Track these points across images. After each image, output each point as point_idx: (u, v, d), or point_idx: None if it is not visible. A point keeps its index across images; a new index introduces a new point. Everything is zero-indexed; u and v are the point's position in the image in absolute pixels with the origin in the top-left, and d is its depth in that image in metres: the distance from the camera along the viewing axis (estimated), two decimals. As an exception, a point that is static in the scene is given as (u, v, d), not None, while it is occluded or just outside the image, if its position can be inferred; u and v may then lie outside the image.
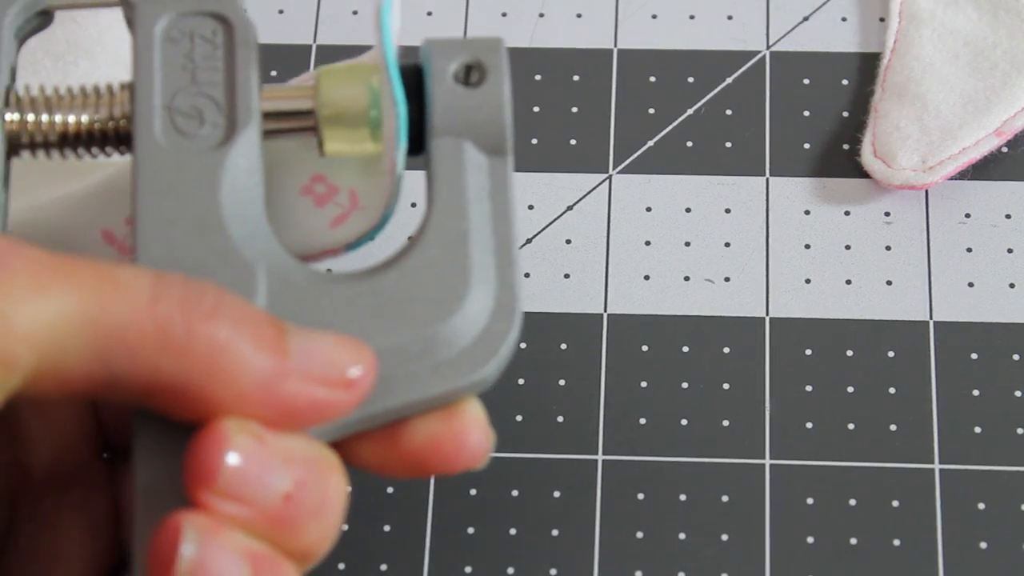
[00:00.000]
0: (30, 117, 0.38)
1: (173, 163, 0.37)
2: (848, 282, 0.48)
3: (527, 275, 0.48)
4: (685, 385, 0.47)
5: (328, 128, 0.39)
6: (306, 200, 0.41)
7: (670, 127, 0.50)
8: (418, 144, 0.39)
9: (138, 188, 0.37)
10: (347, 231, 0.41)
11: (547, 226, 0.49)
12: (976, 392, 0.46)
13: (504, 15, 0.52)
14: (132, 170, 0.37)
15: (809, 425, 0.46)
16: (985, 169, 0.49)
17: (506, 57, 0.39)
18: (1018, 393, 0.46)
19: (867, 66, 0.51)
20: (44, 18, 0.40)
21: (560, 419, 0.46)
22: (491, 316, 0.38)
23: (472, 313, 0.37)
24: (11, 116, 0.38)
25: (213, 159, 0.37)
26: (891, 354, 0.47)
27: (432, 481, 0.46)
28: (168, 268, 0.36)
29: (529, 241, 0.49)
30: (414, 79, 0.39)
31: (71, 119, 0.38)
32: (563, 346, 0.47)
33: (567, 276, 0.48)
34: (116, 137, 0.39)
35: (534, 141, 0.50)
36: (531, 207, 0.49)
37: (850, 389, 0.46)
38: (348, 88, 0.39)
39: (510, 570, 0.45)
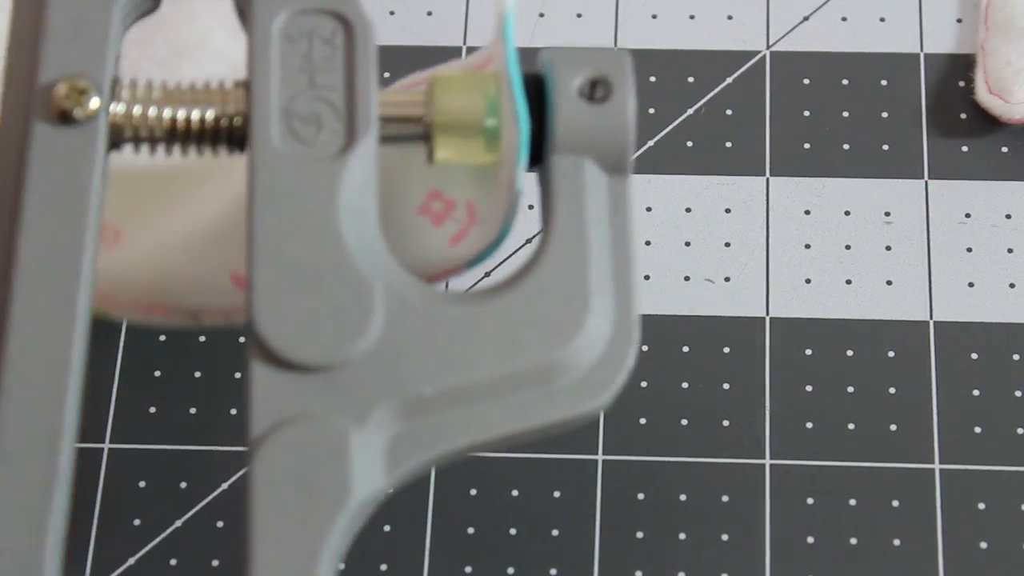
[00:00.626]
0: (136, 110, 0.37)
1: (291, 171, 0.36)
2: (848, 282, 0.48)
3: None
4: (685, 385, 0.47)
5: (441, 136, 0.38)
6: (424, 220, 0.41)
7: (670, 127, 0.50)
8: (536, 156, 0.38)
9: (254, 195, 0.36)
10: (467, 248, 0.40)
11: (547, 226, 0.49)
12: (976, 392, 0.46)
13: (504, 15, 0.52)
14: (247, 174, 0.36)
15: (809, 425, 0.46)
16: (985, 169, 0.49)
17: (632, 72, 0.38)
18: (1018, 393, 0.46)
19: (868, 65, 0.51)
20: (152, 2, 0.38)
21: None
22: (609, 343, 0.37)
23: (590, 340, 0.36)
24: (116, 108, 0.37)
25: (332, 169, 0.36)
26: (891, 354, 0.47)
27: (432, 481, 0.46)
28: (284, 280, 0.35)
29: (529, 241, 0.49)
30: (534, 89, 0.38)
31: (180, 115, 0.37)
32: (563, 346, 0.47)
33: (567, 276, 0.48)
34: (228, 136, 0.37)
35: (534, 141, 0.50)
36: (531, 207, 0.49)
37: (850, 389, 0.46)
38: (464, 96, 0.38)
39: (510, 570, 0.45)
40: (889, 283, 0.48)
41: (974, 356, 0.47)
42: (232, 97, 0.37)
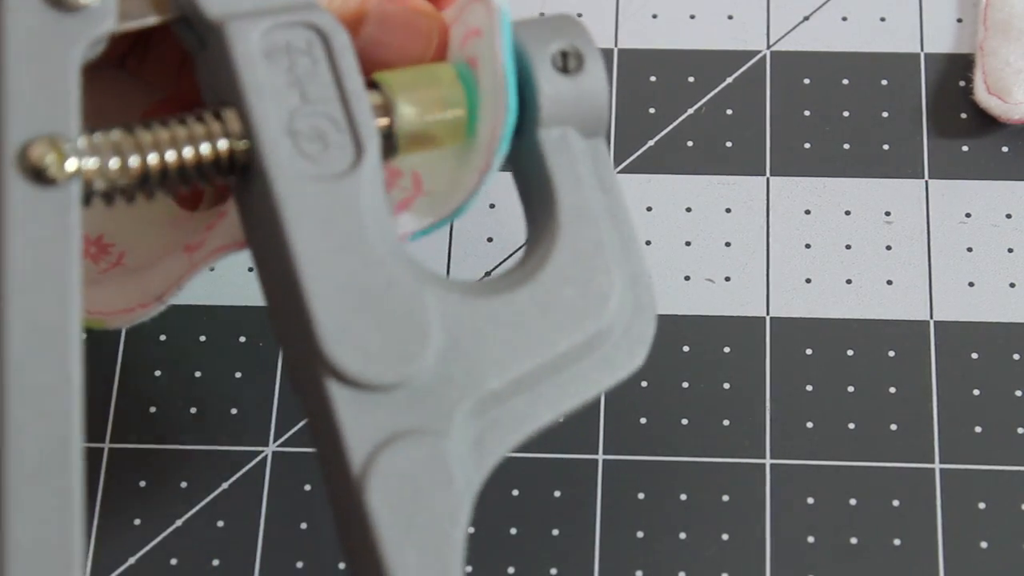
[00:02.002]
0: (113, 163, 0.36)
1: (314, 193, 0.36)
2: (848, 282, 0.48)
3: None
4: (685, 385, 0.47)
5: (409, 140, 0.38)
6: None
7: (670, 127, 0.50)
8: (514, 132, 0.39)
9: (286, 224, 0.35)
10: (412, 217, 0.40)
11: (547, 226, 0.49)
12: (976, 392, 0.46)
13: (504, 15, 0.52)
14: (270, 202, 0.36)
15: (809, 425, 0.46)
16: (985, 169, 0.49)
17: (593, 38, 0.39)
18: (1018, 393, 0.46)
19: (868, 65, 0.51)
20: (99, 49, 0.37)
21: (560, 419, 0.46)
22: (634, 300, 0.38)
23: (620, 303, 0.38)
24: (89, 163, 0.35)
25: (350, 184, 0.36)
26: (891, 354, 0.47)
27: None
28: (342, 306, 0.35)
29: (530, 241, 0.49)
30: None
31: (170, 156, 0.36)
32: (563, 346, 0.47)
33: (567, 276, 0.48)
34: (228, 166, 0.37)
35: (534, 141, 0.50)
36: (531, 207, 0.49)
37: (850, 389, 0.46)
38: (425, 94, 0.38)
39: (510, 570, 0.45)
40: (889, 283, 0.48)
41: (974, 356, 0.47)
42: (219, 127, 0.36)
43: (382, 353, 0.35)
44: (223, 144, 0.36)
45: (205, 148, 0.36)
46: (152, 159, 0.36)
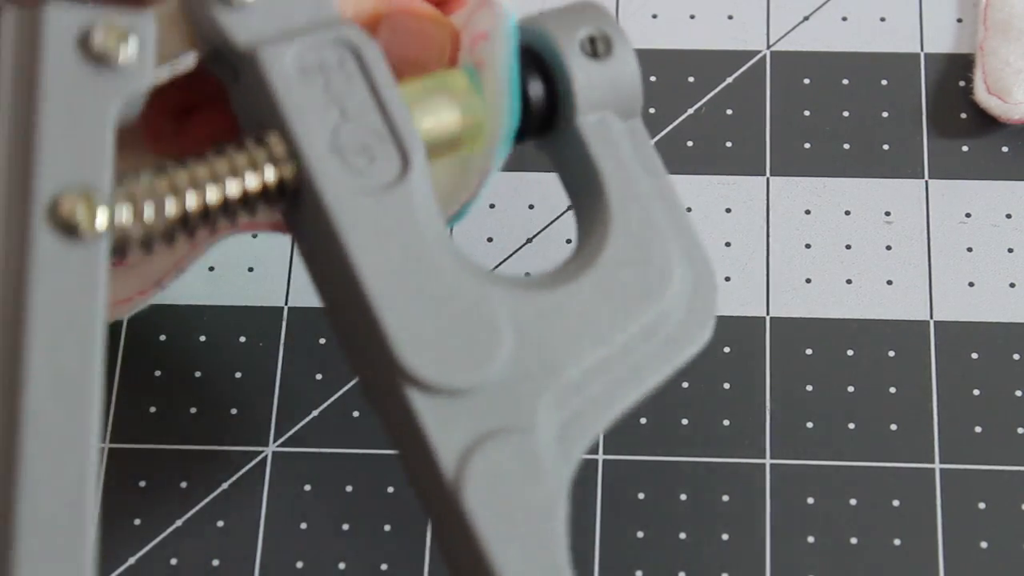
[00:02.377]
0: (148, 213, 0.35)
1: (367, 206, 0.36)
2: (848, 282, 0.48)
3: (527, 275, 0.48)
4: (686, 385, 0.47)
5: (429, 150, 0.38)
6: None
7: (670, 127, 0.50)
8: (547, 124, 0.39)
9: (346, 242, 0.35)
10: None
11: (548, 225, 0.49)
12: (976, 392, 0.46)
13: (504, 15, 0.52)
14: (326, 222, 0.36)
15: (809, 425, 0.46)
16: (985, 169, 0.49)
17: (617, 21, 0.39)
18: (1018, 393, 0.46)
19: (868, 65, 0.51)
20: (142, 101, 0.37)
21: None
22: (693, 275, 0.38)
23: (679, 277, 0.38)
24: (122, 218, 0.35)
25: (402, 193, 0.36)
26: (891, 354, 0.47)
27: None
28: (413, 315, 0.35)
29: (530, 240, 0.49)
30: (535, 62, 0.39)
31: (212, 194, 0.36)
32: (563, 346, 0.47)
33: (567, 276, 0.48)
34: (278, 193, 0.36)
35: (534, 141, 0.50)
36: (531, 207, 0.49)
37: (850, 389, 0.46)
38: (437, 107, 0.38)
39: (510, 570, 0.45)
40: (889, 283, 0.48)
41: (974, 356, 0.47)
42: (264, 153, 0.36)
43: (458, 357, 0.35)
44: (270, 172, 0.36)
45: (251, 179, 0.36)
46: (191, 200, 0.36)
